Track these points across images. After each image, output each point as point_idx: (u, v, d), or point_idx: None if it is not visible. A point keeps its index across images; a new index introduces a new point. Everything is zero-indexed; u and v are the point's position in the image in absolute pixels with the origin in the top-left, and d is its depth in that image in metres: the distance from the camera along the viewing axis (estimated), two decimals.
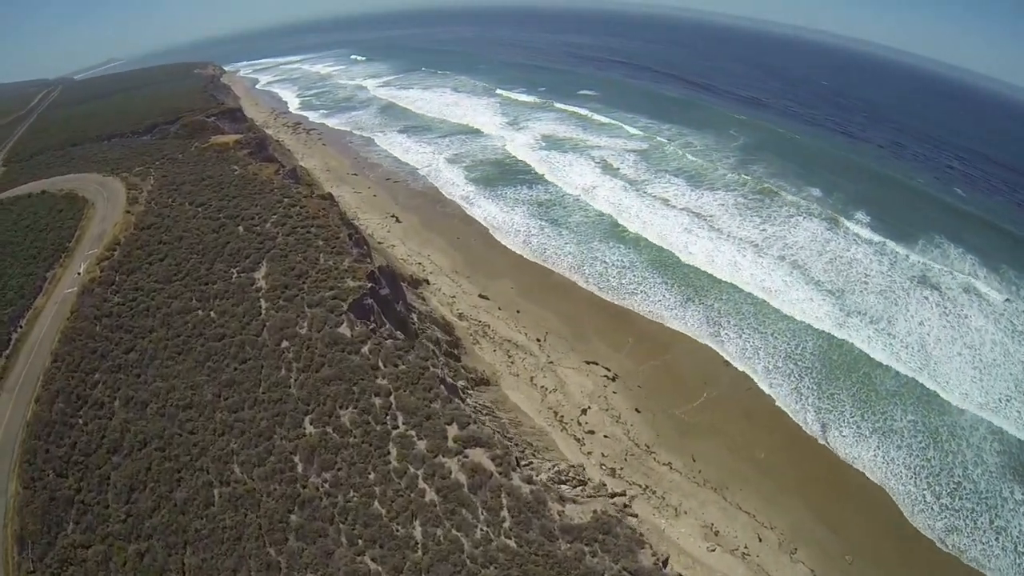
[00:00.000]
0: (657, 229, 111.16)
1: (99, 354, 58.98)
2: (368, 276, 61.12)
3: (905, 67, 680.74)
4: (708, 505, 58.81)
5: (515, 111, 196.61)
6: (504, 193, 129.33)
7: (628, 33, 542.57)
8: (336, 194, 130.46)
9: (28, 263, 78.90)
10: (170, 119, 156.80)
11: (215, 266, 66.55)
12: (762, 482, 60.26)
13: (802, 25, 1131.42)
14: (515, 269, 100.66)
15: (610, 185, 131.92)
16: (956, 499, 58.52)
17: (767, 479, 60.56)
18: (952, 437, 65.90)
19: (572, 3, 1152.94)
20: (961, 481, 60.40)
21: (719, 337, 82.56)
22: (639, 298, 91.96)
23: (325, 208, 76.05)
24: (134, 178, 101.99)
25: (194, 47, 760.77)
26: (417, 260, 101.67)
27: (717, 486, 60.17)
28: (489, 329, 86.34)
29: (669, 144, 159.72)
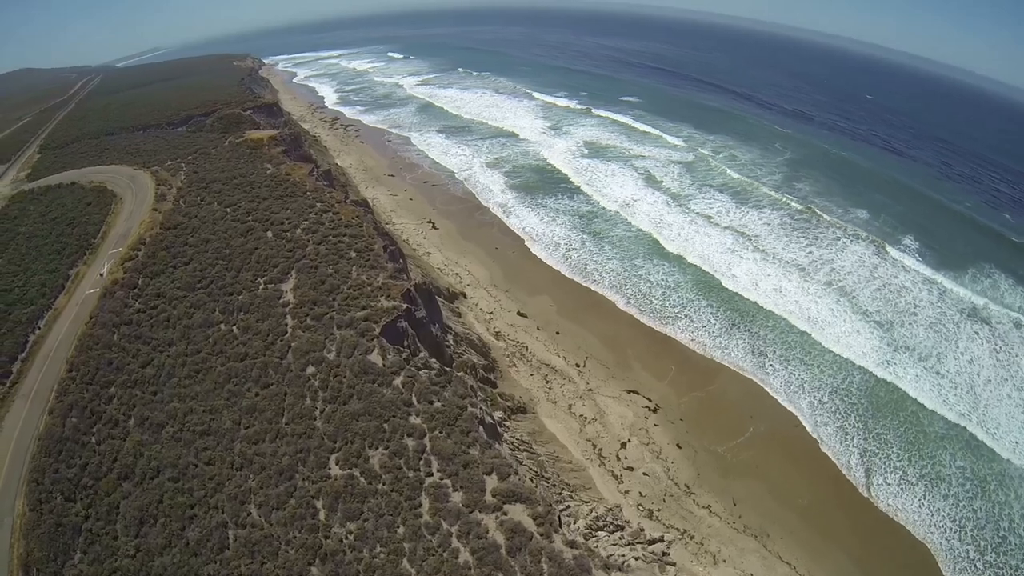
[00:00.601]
0: (700, 249, 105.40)
1: (115, 366, 55.45)
2: (404, 295, 56.44)
3: (950, 82, 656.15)
4: (748, 553, 54.51)
5: (556, 116, 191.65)
6: (544, 202, 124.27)
7: (672, 39, 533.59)
8: (372, 196, 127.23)
9: (52, 259, 76.33)
10: (206, 111, 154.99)
11: (241, 274, 62.58)
12: (804, 531, 56.49)
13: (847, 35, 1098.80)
14: (555, 285, 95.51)
15: (652, 199, 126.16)
16: (1000, 555, 54.62)
17: (809, 527, 56.83)
18: (1000, 487, 61.16)
19: (615, 7, 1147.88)
20: (1007, 535, 56.22)
21: (764, 368, 77.54)
22: (683, 323, 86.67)
23: (359, 215, 71.72)
24: (165, 173, 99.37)
25: (235, 39, 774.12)
26: (454, 270, 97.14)
27: (758, 533, 56.58)
28: (527, 351, 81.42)
29: (713, 157, 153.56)
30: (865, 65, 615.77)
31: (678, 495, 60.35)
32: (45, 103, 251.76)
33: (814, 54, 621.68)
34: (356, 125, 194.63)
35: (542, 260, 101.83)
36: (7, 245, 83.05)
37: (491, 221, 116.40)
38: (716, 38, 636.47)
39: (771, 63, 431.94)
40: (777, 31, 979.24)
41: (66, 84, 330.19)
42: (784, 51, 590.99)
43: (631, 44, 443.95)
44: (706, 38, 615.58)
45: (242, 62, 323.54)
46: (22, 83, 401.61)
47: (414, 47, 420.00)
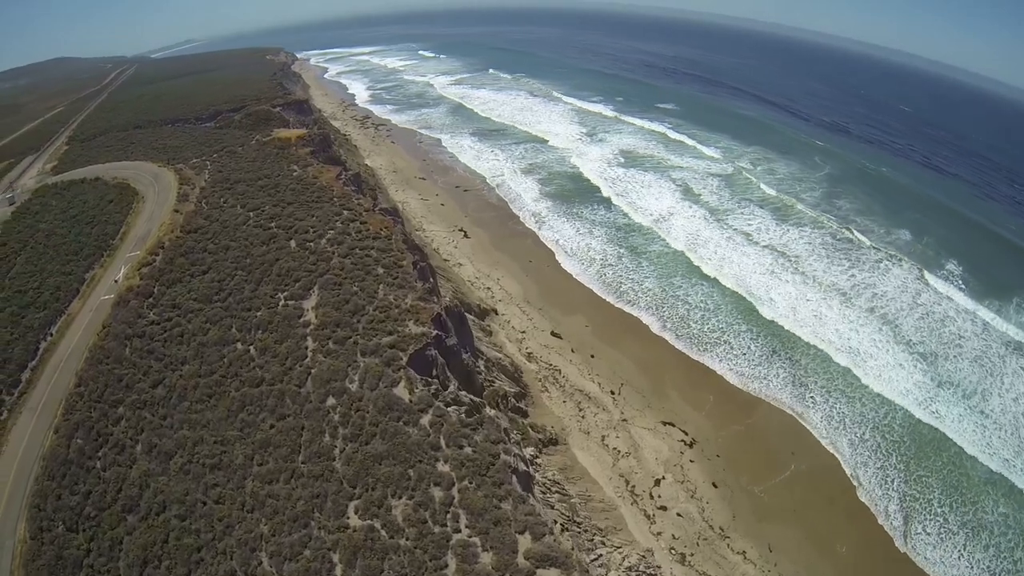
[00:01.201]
0: (738, 269, 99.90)
1: (125, 384, 52.22)
2: (434, 320, 52.16)
3: (986, 93, 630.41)
4: None
5: (592, 122, 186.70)
6: (580, 213, 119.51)
7: (705, 45, 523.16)
8: (402, 199, 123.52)
9: (68, 260, 73.83)
10: (235, 106, 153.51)
11: (261, 288, 58.88)
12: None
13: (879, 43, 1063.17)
14: (591, 303, 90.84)
15: (690, 212, 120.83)
16: None
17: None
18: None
19: (647, 10, 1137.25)
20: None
21: (804, 400, 73.12)
22: (722, 349, 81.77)
23: (388, 226, 67.67)
24: (189, 171, 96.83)
25: (268, 32, 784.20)
26: (486, 284, 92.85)
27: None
28: (560, 375, 76.93)
29: (752, 170, 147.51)
30: (899, 74, 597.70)
31: (712, 539, 57.22)
32: (79, 92, 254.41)
33: (847, 62, 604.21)
34: (387, 124, 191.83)
35: (575, 277, 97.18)
36: (26, 242, 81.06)
37: (525, 232, 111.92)
38: (749, 44, 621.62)
39: (806, 71, 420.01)
40: (808, 37, 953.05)
41: (101, 74, 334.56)
42: (818, 59, 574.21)
43: (665, 49, 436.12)
44: (739, 44, 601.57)
45: (275, 56, 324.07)
46: (59, 72, 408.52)
47: (446, 46, 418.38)
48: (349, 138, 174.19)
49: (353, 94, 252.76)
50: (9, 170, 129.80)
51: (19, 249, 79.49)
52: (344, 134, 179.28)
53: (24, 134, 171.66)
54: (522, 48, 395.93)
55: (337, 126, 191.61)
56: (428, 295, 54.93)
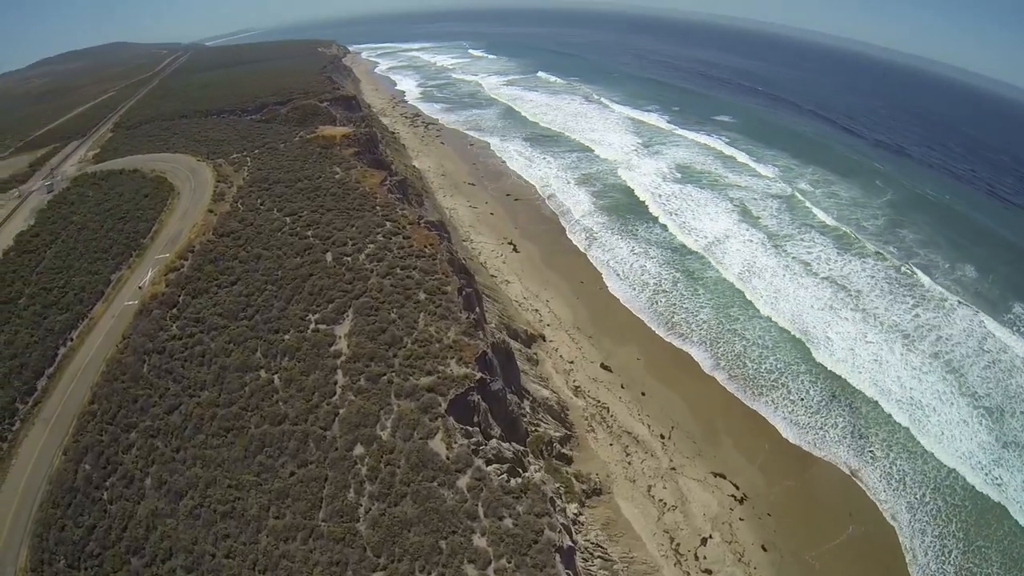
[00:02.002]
0: (795, 303, 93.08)
1: (140, 406, 48.76)
2: (479, 359, 47.00)
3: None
4: None
5: (646, 132, 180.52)
6: (635, 230, 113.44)
7: (763, 55, 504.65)
8: (450, 206, 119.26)
9: (97, 259, 71.41)
10: (282, 99, 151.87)
11: (291, 307, 54.68)
12: None
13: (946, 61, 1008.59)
14: (644, 333, 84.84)
15: (748, 236, 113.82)
16: None
17: None
18: None
19: (701, 17, 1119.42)
20: None
21: (863, 455, 67.50)
22: (779, 394, 75.44)
23: (434, 242, 62.82)
24: (228, 167, 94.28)
25: (323, 25, 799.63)
26: (534, 306, 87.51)
27: None
28: (608, 414, 71.36)
29: (812, 192, 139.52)
30: (958, 91, 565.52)
31: None
32: (132, 78, 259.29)
33: (900, 75, 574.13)
34: (436, 124, 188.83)
35: (625, 304, 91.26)
36: (58, 235, 79.36)
37: (578, 249, 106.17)
38: (805, 56, 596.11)
39: (864, 87, 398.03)
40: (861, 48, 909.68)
41: (155, 60, 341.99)
42: (873, 73, 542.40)
43: (720, 58, 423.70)
44: (795, 55, 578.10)
45: (327, 49, 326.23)
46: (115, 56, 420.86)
47: (496, 45, 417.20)
48: (397, 136, 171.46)
49: (403, 90, 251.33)
50: (53, 155, 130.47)
51: (50, 242, 77.83)
52: (393, 132, 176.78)
53: (73, 118, 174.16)
54: (574, 51, 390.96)
55: (386, 123, 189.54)
56: (473, 329, 49.75)
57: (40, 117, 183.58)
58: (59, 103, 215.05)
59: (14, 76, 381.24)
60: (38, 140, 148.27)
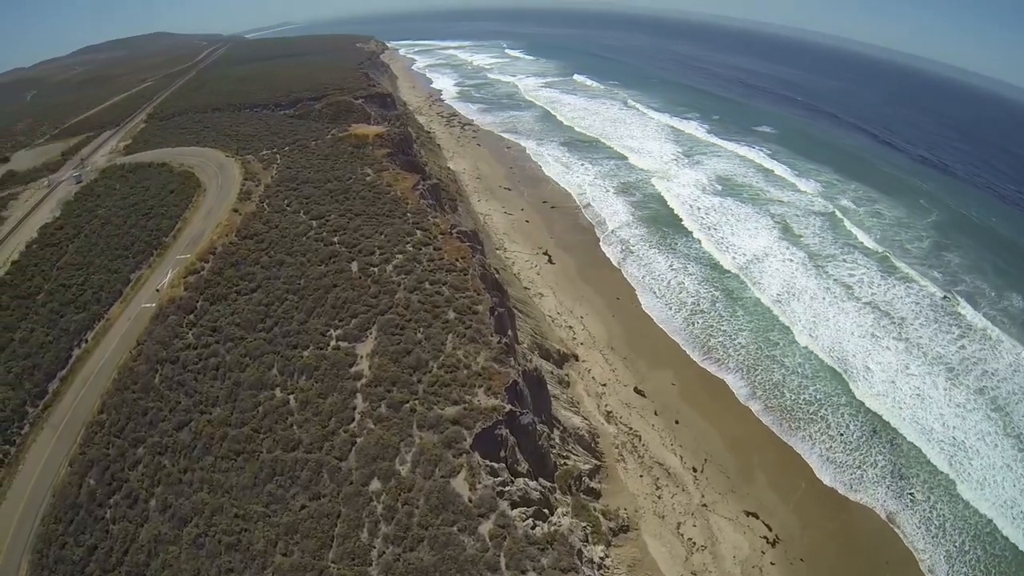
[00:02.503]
0: (835, 330, 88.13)
1: (149, 419, 46.94)
2: (509, 389, 43.79)
3: None
4: None
5: (686, 142, 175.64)
6: (673, 244, 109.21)
7: (801, 63, 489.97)
8: (484, 211, 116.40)
9: (117, 256, 70.16)
10: (317, 95, 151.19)
11: (311, 320, 52.14)
12: None
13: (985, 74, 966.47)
14: (681, 356, 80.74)
15: (788, 254, 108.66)
16: None
17: None
18: None
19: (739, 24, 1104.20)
20: None
21: (903, 498, 62.89)
22: (817, 428, 70.83)
23: (466, 255, 59.81)
24: (257, 164, 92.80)
25: (363, 20, 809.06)
26: (568, 322, 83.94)
27: None
28: (640, 443, 67.69)
29: (855, 210, 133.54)
30: (1004, 107, 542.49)
31: None
32: (170, 68, 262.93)
33: (946, 90, 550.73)
34: (473, 125, 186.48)
35: (660, 324, 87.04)
36: (81, 228, 78.62)
37: (616, 261, 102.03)
38: (841, 65, 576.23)
39: (903, 98, 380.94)
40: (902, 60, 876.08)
41: (195, 51, 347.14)
42: (915, 85, 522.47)
43: (759, 66, 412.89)
44: (832, 64, 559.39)
45: (365, 44, 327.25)
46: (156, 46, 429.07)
47: (535, 46, 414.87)
48: (433, 136, 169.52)
49: (440, 89, 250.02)
50: (86, 144, 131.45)
51: (73, 235, 77.08)
52: (428, 131, 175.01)
53: (109, 107, 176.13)
54: (611, 55, 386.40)
55: (422, 122, 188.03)
56: (504, 354, 46.52)
57: (77, 105, 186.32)
58: (97, 92, 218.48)
59: (57, 63, 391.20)
60: (73, 128, 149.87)
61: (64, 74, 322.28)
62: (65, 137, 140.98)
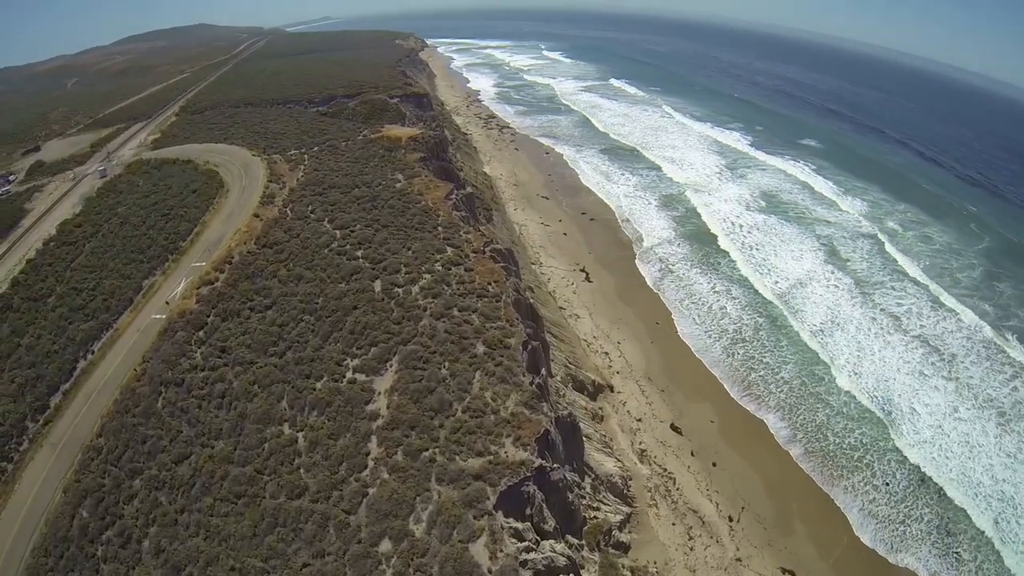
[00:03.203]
0: (880, 364, 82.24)
1: (148, 449, 44.05)
2: (540, 440, 39.39)
3: None
4: None
5: (729, 154, 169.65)
6: (716, 264, 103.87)
7: (842, 73, 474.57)
8: (521, 222, 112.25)
9: (131, 260, 67.72)
10: (351, 92, 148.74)
11: (327, 346, 48.40)
12: None
13: None
14: (721, 390, 75.57)
15: (833, 279, 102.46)
16: None
17: None
18: None
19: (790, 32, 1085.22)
20: None
21: (947, 556, 58.10)
22: (861, 477, 65.67)
23: (499, 279, 55.51)
24: (284, 164, 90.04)
25: (404, 16, 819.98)
26: (604, 347, 79.19)
27: None
28: (674, 486, 63.14)
29: (904, 234, 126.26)
30: None
31: None
32: (209, 60, 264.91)
33: (992, 104, 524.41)
34: (511, 128, 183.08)
35: (697, 353, 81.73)
36: (100, 227, 76.75)
37: (656, 281, 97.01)
38: (883, 75, 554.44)
39: (946, 111, 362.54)
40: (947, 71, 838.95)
41: (234, 43, 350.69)
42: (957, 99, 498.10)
43: (802, 76, 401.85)
44: (873, 74, 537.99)
45: (404, 41, 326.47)
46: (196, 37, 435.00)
47: (575, 49, 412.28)
48: (470, 139, 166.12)
49: (478, 89, 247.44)
50: (116, 136, 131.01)
51: (91, 234, 75.22)
52: (465, 133, 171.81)
53: (144, 98, 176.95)
54: (652, 60, 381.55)
55: (459, 123, 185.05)
56: (537, 399, 42.06)
57: (113, 95, 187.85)
58: (134, 82, 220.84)
59: (100, 51, 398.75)
60: (106, 119, 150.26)
61: (105, 63, 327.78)
62: (97, 128, 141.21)
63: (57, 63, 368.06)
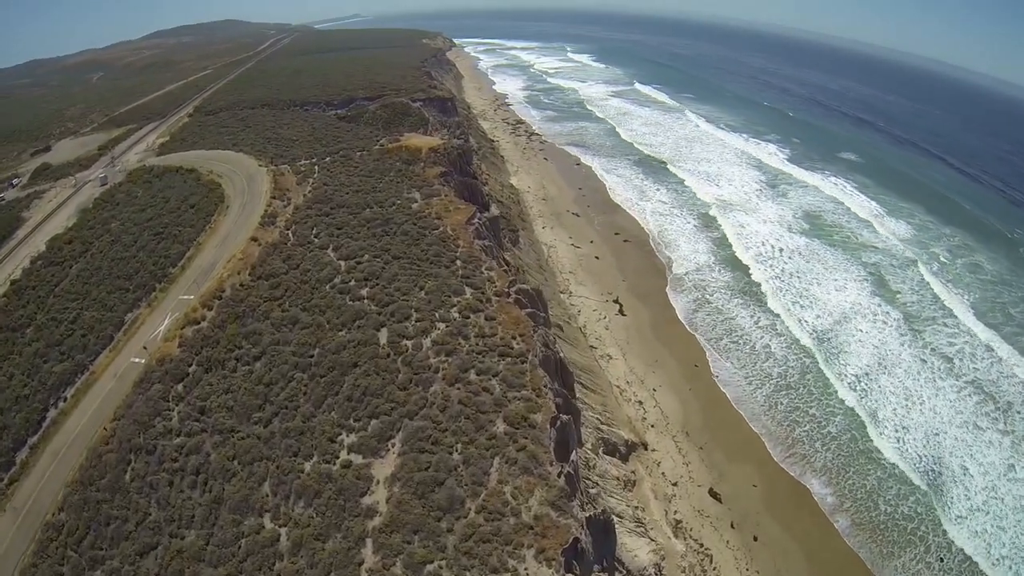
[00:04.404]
0: (931, 414, 73.59)
1: (111, 534, 37.87)
2: (568, 550, 31.91)
3: None
4: None
5: (767, 169, 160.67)
6: (759, 294, 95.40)
7: (879, 82, 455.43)
8: (549, 242, 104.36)
9: (116, 288, 61.55)
10: (372, 95, 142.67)
11: (319, 415, 41.22)
12: None
13: None
14: (764, 450, 66.83)
15: (880, 314, 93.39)
16: None
17: None
18: None
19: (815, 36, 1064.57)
20: None
21: None
22: (914, 553, 57.73)
23: (525, 331, 47.77)
24: (291, 177, 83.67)
25: (432, 15, 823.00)
26: (637, 395, 71.00)
27: None
28: (710, 566, 55.48)
29: (952, 262, 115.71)
30: None
31: None
32: (233, 56, 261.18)
33: None
34: (539, 136, 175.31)
35: (735, 404, 72.86)
36: (90, 245, 71.14)
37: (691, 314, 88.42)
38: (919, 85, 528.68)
39: (987, 125, 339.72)
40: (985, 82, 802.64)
41: (260, 39, 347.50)
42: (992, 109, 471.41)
43: (831, 82, 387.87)
44: (908, 84, 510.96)
45: (432, 40, 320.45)
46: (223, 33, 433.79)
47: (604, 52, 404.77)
48: (496, 147, 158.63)
49: (505, 92, 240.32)
50: (127, 136, 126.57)
51: (80, 253, 69.59)
52: (492, 140, 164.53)
53: (162, 95, 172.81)
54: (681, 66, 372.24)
55: (485, 128, 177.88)
56: (566, 497, 34.46)
57: (133, 92, 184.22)
58: (155, 78, 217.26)
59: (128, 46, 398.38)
60: (121, 118, 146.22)
61: (131, 57, 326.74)
62: (110, 127, 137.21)
63: (85, 57, 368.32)
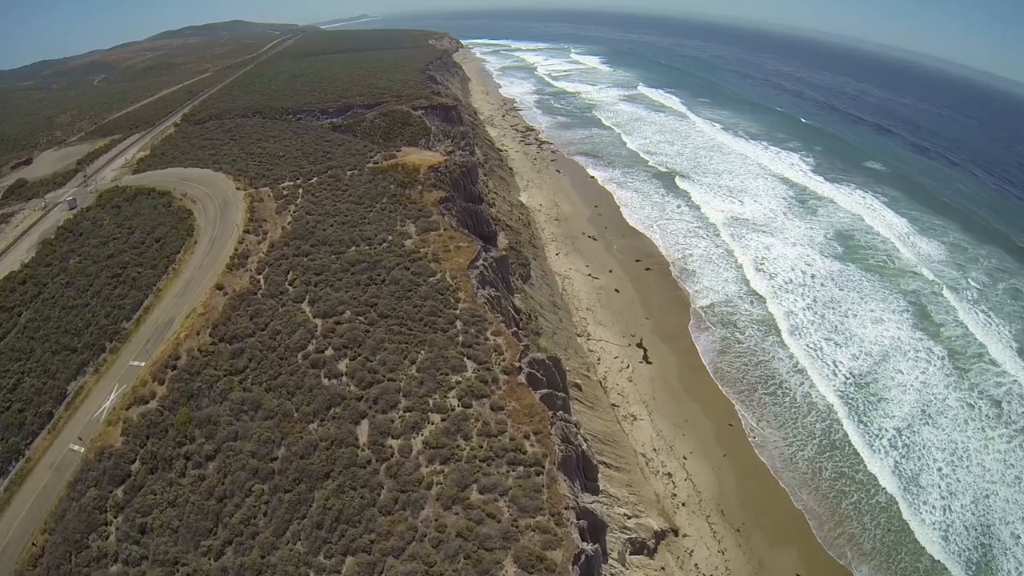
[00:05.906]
0: (980, 473, 63.65)
1: None
2: None
3: None
4: None
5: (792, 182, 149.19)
6: (801, 327, 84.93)
7: (895, 85, 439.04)
8: (563, 271, 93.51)
9: (60, 347, 52.15)
10: (370, 102, 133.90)
11: (283, 545, 31.57)
12: None
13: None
14: (807, 530, 56.08)
15: (923, 352, 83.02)
16: None
17: None
18: None
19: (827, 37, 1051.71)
20: None
21: None
22: None
23: (540, 425, 37.70)
24: (270, 203, 74.43)
25: (439, 15, 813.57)
26: (666, 465, 60.46)
27: None
28: None
29: (992, 287, 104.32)
30: None
31: None
32: (233, 59, 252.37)
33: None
34: (550, 145, 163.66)
35: (774, 472, 61.94)
36: (44, 287, 61.95)
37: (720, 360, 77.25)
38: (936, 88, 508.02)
39: (1010, 132, 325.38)
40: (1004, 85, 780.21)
41: (262, 41, 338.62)
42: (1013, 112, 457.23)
43: (847, 86, 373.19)
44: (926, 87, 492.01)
45: (438, 41, 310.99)
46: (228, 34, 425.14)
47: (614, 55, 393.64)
48: (505, 158, 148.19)
49: (513, 97, 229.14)
50: (109, 148, 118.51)
51: (32, 297, 60.65)
52: (500, 149, 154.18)
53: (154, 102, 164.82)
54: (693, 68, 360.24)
55: (493, 135, 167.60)
56: None
57: (125, 98, 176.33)
58: (153, 82, 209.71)
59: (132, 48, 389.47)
60: (108, 126, 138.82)
61: (133, 59, 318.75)
62: (95, 137, 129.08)
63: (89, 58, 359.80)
